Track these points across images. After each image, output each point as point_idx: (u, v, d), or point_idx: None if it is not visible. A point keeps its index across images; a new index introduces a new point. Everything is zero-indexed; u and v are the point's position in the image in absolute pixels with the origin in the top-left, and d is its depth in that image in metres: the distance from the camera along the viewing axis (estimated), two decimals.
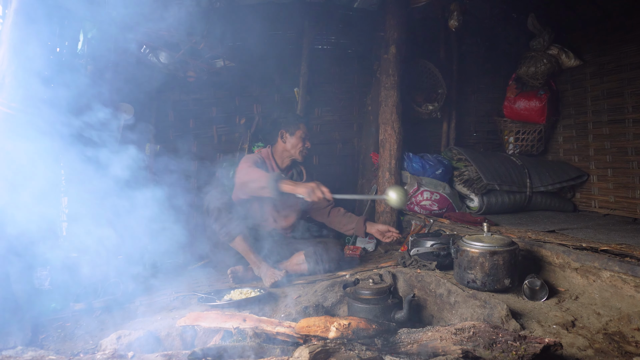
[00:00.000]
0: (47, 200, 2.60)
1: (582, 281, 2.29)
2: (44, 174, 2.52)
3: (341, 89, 4.33)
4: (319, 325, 1.77)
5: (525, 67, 4.40)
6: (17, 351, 1.76)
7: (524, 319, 1.99)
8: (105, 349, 1.82)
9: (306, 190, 2.65)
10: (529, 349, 1.51)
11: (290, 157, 3.11)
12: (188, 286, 2.77)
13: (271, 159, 3.12)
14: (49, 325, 2.18)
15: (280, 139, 3.09)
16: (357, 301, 2.09)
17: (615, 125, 4.03)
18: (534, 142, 4.53)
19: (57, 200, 2.94)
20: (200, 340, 2.01)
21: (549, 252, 2.50)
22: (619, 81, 3.99)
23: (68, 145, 2.73)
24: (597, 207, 4.18)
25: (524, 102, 4.45)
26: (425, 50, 4.33)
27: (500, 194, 3.94)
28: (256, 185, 2.73)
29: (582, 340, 1.75)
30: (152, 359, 1.65)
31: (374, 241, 3.71)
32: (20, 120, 2.01)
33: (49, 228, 2.70)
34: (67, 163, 2.85)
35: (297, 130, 3.06)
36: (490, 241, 2.35)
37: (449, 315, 2.19)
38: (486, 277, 2.28)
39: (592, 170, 4.26)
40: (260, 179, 2.72)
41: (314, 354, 1.43)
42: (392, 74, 3.71)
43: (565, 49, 4.29)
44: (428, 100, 4.23)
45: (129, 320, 2.20)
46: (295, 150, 3.06)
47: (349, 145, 4.40)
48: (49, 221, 2.73)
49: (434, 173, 3.87)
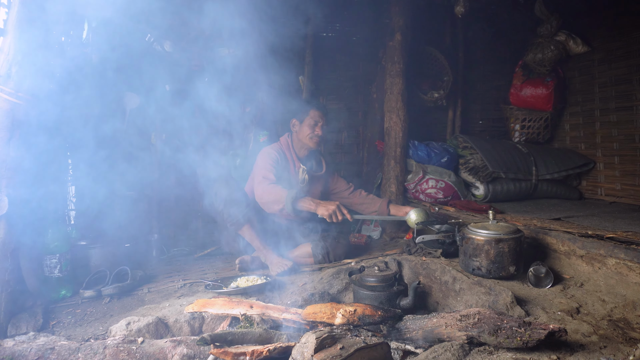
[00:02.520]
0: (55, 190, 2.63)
1: (587, 268, 2.30)
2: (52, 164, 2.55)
3: (346, 77, 4.31)
4: (325, 312, 1.79)
5: (532, 53, 4.35)
6: (29, 337, 1.79)
7: (528, 306, 2.00)
8: (115, 334, 1.86)
9: (327, 213, 2.65)
10: (533, 335, 1.52)
11: (304, 147, 3.06)
12: (195, 274, 2.80)
13: (291, 149, 3.07)
14: (60, 311, 2.22)
15: (292, 129, 3.08)
16: (362, 288, 2.11)
17: (623, 113, 4.00)
18: (540, 130, 4.50)
19: (64, 189, 2.97)
20: (208, 326, 2.04)
21: (555, 239, 2.50)
22: (627, 67, 3.94)
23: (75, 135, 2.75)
24: (603, 195, 4.17)
25: (531, 89, 4.41)
26: (431, 37, 4.29)
27: (505, 181, 3.93)
28: (276, 207, 2.72)
29: (586, 326, 1.76)
30: (162, 344, 1.68)
31: (379, 229, 3.73)
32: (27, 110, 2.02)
33: (57, 217, 2.74)
34: (74, 152, 2.88)
35: (306, 117, 3.00)
36: (496, 229, 2.35)
37: (454, 302, 2.20)
38: (491, 265, 2.29)
39: (599, 157, 4.23)
40: (278, 199, 2.69)
41: (321, 339, 1.45)
42: (397, 61, 3.68)
43: (572, 35, 4.24)
44: (434, 87, 4.21)
45: (137, 307, 2.24)
46: (305, 138, 3.01)
47: (354, 133, 4.39)
48: (58, 210, 2.76)
49: (440, 161, 3.86)
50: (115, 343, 1.65)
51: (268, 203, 2.77)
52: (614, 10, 4.00)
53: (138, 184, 3.16)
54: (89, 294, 2.37)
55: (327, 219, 2.66)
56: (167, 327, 1.99)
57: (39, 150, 2.18)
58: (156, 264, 3.08)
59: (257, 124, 3.88)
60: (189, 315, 2.03)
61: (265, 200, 2.78)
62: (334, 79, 4.27)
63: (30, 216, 2.14)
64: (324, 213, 2.65)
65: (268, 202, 2.76)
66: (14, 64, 1.95)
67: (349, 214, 2.70)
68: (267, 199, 2.76)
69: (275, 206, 2.72)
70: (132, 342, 1.68)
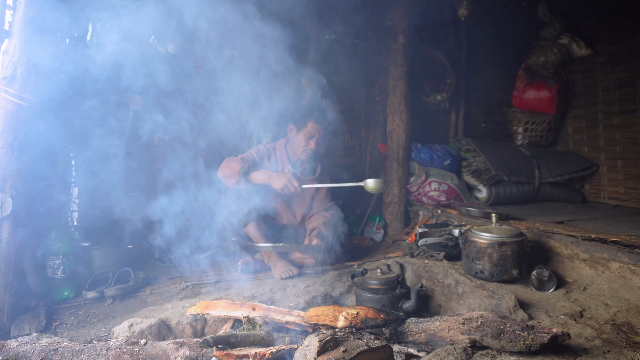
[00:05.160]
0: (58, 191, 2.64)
1: (590, 272, 2.29)
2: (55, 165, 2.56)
3: (349, 79, 4.31)
4: (327, 315, 1.79)
5: (535, 56, 4.35)
6: (32, 338, 1.80)
7: (531, 310, 2.00)
8: (118, 336, 1.86)
9: (279, 186, 2.65)
10: (536, 338, 1.52)
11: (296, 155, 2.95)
12: (197, 275, 2.80)
13: (283, 150, 3.00)
14: (62, 313, 2.23)
15: (289, 133, 2.98)
16: (365, 291, 2.11)
17: (626, 116, 3.99)
18: (543, 133, 4.49)
19: (68, 191, 2.97)
20: (211, 328, 2.04)
21: (558, 243, 2.50)
22: (631, 70, 3.93)
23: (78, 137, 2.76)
24: (606, 198, 4.16)
25: (534, 92, 4.41)
26: (434, 40, 4.28)
27: (508, 184, 3.92)
28: (231, 181, 2.72)
29: (590, 330, 1.76)
30: (164, 346, 1.68)
31: (381, 231, 3.72)
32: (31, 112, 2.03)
33: (60, 218, 2.75)
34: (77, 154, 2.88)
35: (303, 127, 2.87)
36: (499, 232, 2.35)
37: (457, 305, 2.20)
38: (494, 268, 2.29)
39: (602, 161, 4.22)
40: (233, 173, 2.70)
41: (324, 342, 1.45)
42: (400, 63, 3.69)
43: (576, 38, 4.23)
44: (436, 90, 4.21)
45: (140, 309, 2.24)
46: (298, 149, 2.89)
47: (356, 136, 4.38)
48: (61, 211, 2.77)
49: (442, 164, 3.86)
50: (118, 345, 1.65)
51: (225, 177, 2.76)
52: (617, 13, 4.00)
53: (140, 185, 3.17)
54: (91, 295, 2.37)
55: (280, 191, 2.66)
56: (170, 329, 1.99)
57: (42, 151, 2.19)
58: (158, 266, 3.09)
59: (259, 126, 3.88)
60: (192, 317, 2.03)
61: (222, 174, 2.77)
62: (337, 81, 4.26)
63: (34, 217, 2.14)
64: (277, 186, 2.66)
65: (225, 176, 2.76)
66: (19, 66, 1.96)
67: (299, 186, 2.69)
68: (223, 173, 2.76)
69: (232, 180, 2.71)
70: (134, 343, 1.68)
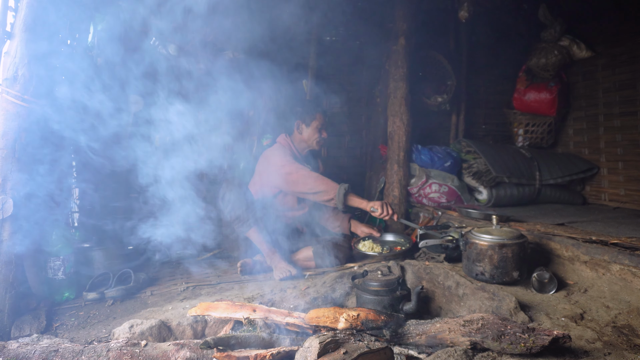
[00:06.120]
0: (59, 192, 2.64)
1: (591, 274, 2.29)
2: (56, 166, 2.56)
3: (349, 81, 4.32)
4: (328, 316, 1.79)
5: (535, 58, 4.35)
6: (32, 339, 1.80)
7: (532, 312, 2.00)
8: (119, 337, 1.86)
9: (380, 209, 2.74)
10: (537, 341, 1.52)
11: (307, 148, 3.15)
12: (198, 276, 2.80)
13: (293, 148, 3.12)
14: (63, 314, 2.23)
15: (296, 130, 3.12)
16: (365, 292, 2.11)
17: (627, 118, 3.99)
18: (543, 135, 4.49)
19: (68, 192, 2.98)
20: (211, 330, 2.04)
21: (558, 245, 2.50)
22: (631, 73, 3.93)
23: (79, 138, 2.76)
24: (607, 200, 4.15)
25: (534, 94, 4.41)
26: (434, 42, 4.29)
27: (509, 186, 3.92)
28: (324, 197, 2.78)
29: (590, 333, 1.76)
30: (165, 347, 1.68)
31: None
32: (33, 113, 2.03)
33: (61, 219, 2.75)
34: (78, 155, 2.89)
35: (313, 120, 3.09)
36: (499, 234, 2.35)
37: (457, 307, 2.20)
38: (495, 270, 2.29)
39: (603, 163, 4.22)
40: (328, 190, 2.76)
41: (324, 344, 1.45)
42: (401, 65, 3.69)
43: (576, 40, 4.24)
44: (437, 92, 4.21)
45: (140, 310, 2.25)
46: (312, 141, 3.11)
47: (357, 137, 4.39)
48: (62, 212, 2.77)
49: (443, 165, 3.86)
50: (119, 346, 1.65)
51: (315, 192, 2.81)
52: (618, 16, 4.00)
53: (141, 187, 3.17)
54: (92, 296, 2.37)
55: (378, 216, 2.77)
56: (170, 330, 1.99)
57: (43, 153, 2.19)
58: (159, 267, 3.09)
59: (260, 127, 3.89)
60: (192, 318, 2.03)
61: (310, 188, 2.81)
62: (338, 83, 4.27)
63: (35, 218, 2.14)
64: (376, 213, 2.76)
65: (316, 192, 2.80)
66: (21, 67, 1.96)
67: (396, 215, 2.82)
68: (314, 188, 2.80)
69: (325, 196, 2.78)
70: (135, 345, 1.68)
